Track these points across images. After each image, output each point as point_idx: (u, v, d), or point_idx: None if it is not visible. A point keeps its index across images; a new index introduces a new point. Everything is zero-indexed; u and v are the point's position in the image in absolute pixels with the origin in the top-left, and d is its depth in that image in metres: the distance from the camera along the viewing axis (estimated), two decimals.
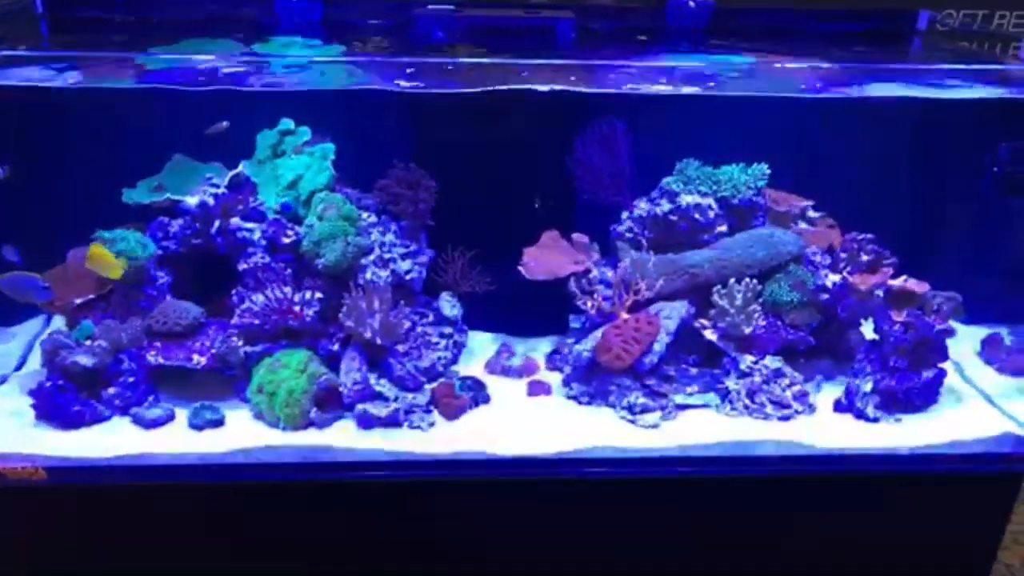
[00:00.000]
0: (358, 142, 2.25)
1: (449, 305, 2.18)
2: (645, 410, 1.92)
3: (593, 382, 1.99)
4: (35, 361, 2.12)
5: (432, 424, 1.92)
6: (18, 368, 2.12)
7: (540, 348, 2.27)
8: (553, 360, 2.17)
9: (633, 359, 1.92)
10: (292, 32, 2.18)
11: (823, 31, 2.36)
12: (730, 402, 1.97)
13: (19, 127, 2.17)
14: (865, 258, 2.03)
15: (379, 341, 1.97)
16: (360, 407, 1.90)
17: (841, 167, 2.27)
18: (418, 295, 2.21)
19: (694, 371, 2.01)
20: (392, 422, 1.90)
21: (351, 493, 1.87)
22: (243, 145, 2.23)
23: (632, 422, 1.92)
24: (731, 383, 1.98)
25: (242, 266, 2.03)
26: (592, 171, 2.16)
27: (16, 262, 1.93)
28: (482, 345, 2.29)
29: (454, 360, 2.17)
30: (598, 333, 1.99)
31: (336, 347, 2.04)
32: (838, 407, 2.00)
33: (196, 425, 1.90)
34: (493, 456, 1.83)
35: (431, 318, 2.19)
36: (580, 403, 1.99)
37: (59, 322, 2.16)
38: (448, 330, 2.17)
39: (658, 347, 1.94)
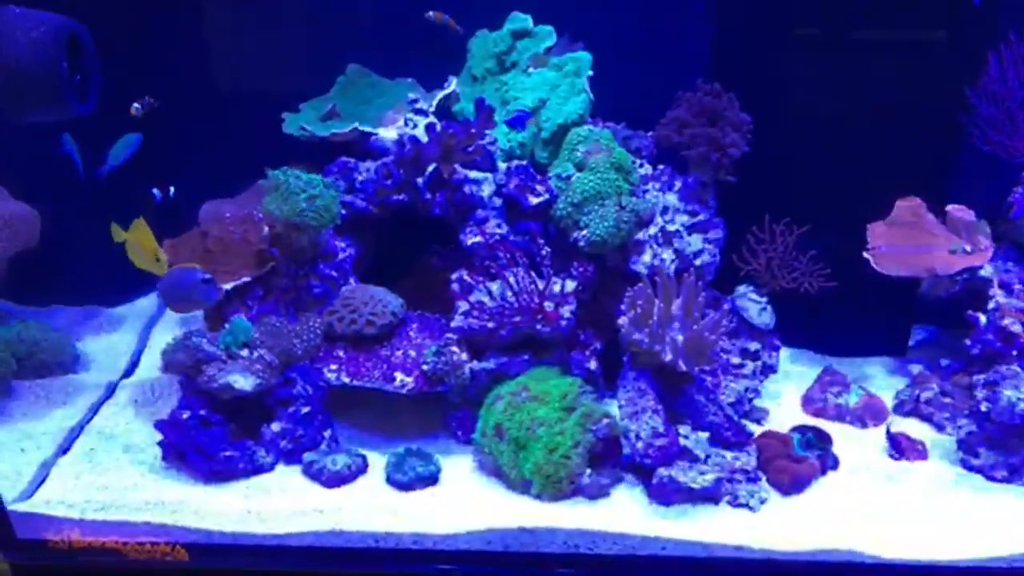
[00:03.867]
0: (616, 45, 1.48)
1: (758, 308, 1.44)
2: None
3: (1021, 451, 1.26)
4: (151, 359, 1.47)
5: (764, 500, 1.24)
6: (128, 373, 1.47)
7: (871, 376, 1.55)
8: (914, 401, 1.43)
9: None
10: None
11: None
12: None
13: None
14: None
15: (682, 366, 1.25)
16: (664, 472, 1.20)
17: None
18: (706, 289, 1.48)
19: None
20: (708, 495, 1.22)
21: None
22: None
23: None
24: None
25: (471, 239, 1.32)
26: (1004, 104, 1.38)
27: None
28: (783, 365, 1.56)
29: (756, 392, 1.45)
30: None
31: (593, 365, 1.35)
32: None
33: (400, 483, 1.24)
34: (870, 559, 1.19)
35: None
36: (993, 479, 1.34)
37: None
38: (754, 346, 1.45)
39: None
